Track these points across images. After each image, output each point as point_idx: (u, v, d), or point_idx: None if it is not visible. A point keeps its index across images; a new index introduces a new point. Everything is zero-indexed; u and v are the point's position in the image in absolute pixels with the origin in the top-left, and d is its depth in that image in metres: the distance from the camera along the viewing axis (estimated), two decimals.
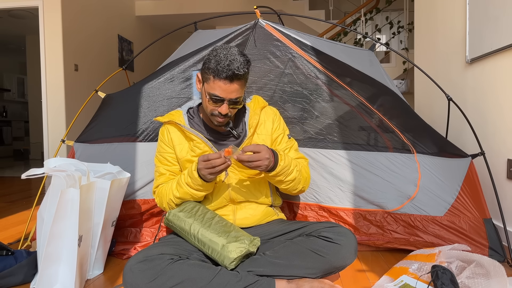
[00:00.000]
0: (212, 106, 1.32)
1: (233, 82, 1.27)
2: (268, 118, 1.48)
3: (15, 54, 8.36)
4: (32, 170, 1.31)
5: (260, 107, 1.48)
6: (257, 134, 1.45)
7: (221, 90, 1.28)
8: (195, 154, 1.39)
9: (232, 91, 1.28)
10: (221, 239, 1.23)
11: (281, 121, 1.53)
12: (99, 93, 2.05)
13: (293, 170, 1.36)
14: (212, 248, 1.24)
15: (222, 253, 1.22)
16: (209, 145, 1.38)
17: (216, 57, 1.28)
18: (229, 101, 1.30)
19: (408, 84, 5.36)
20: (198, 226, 1.28)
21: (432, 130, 1.81)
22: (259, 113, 1.46)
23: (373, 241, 1.70)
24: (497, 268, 1.19)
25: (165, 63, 1.96)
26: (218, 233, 1.25)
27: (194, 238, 1.28)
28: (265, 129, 1.46)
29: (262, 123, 1.47)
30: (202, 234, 1.27)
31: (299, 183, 1.41)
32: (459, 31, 2.23)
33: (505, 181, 1.84)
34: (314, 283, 1.23)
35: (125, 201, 1.72)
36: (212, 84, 1.29)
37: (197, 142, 1.39)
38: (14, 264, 1.44)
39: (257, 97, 1.54)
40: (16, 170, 5.67)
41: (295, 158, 1.47)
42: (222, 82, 1.27)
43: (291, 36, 1.84)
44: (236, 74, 1.25)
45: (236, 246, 1.22)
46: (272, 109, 1.54)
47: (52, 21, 4.28)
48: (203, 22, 2.28)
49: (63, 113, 4.33)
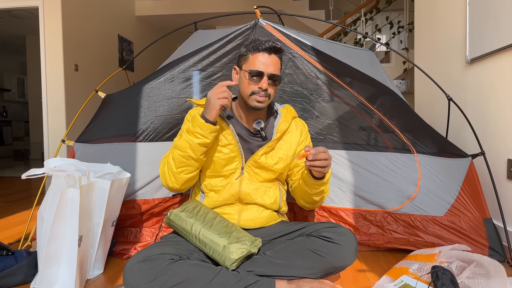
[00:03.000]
0: (253, 83, 1.34)
1: (271, 54, 1.34)
2: (297, 129, 1.50)
3: (15, 54, 8.36)
4: (32, 170, 1.31)
5: (292, 116, 1.50)
6: (283, 140, 1.46)
7: (261, 63, 1.32)
8: (221, 144, 1.39)
9: (271, 63, 1.33)
10: (223, 240, 1.23)
11: (308, 135, 1.54)
12: (99, 93, 2.05)
13: (328, 179, 1.37)
14: (213, 248, 1.24)
15: (223, 254, 1.22)
16: (236, 139, 1.38)
17: (251, 40, 1.38)
18: (269, 76, 1.32)
19: (408, 84, 5.36)
20: (199, 227, 1.28)
21: (432, 130, 1.81)
22: (290, 121, 1.48)
23: (373, 241, 1.70)
24: (497, 268, 1.19)
25: (165, 63, 1.96)
26: (220, 234, 1.25)
27: (195, 238, 1.28)
28: (291, 137, 1.47)
29: (290, 131, 1.48)
30: (203, 234, 1.26)
31: (326, 195, 1.43)
32: (459, 31, 2.23)
33: (505, 181, 1.84)
34: (314, 283, 1.23)
35: (125, 201, 1.72)
36: (252, 60, 1.34)
37: (226, 132, 1.39)
38: (14, 264, 1.44)
39: (289, 106, 1.55)
40: (16, 170, 5.67)
41: None
42: (261, 55, 1.33)
43: (291, 36, 1.84)
44: (274, 46, 1.33)
45: (237, 247, 1.21)
46: (302, 122, 1.55)
47: (52, 21, 4.28)
48: (203, 22, 2.28)
49: (63, 113, 4.34)
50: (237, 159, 1.40)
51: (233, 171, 1.41)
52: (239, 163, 1.41)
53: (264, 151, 1.40)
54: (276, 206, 1.47)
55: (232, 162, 1.40)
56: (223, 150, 1.39)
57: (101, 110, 1.98)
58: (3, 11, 5.26)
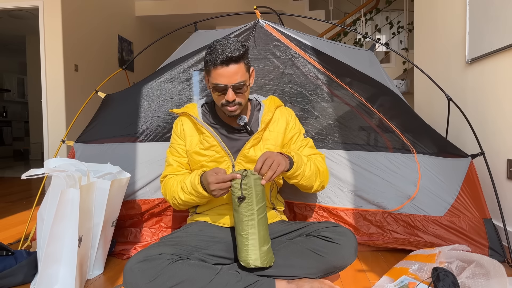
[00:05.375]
0: (219, 96, 1.33)
1: (229, 65, 1.28)
2: (282, 117, 1.49)
3: (15, 54, 8.36)
4: (32, 170, 1.31)
5: (275, 106, 1.49)
6: (269, 130, 1.45)
7: (221, 77, 1.29)
8: (204, 147, 1.40)
9: (231, 75, 1.29)
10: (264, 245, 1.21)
11: (296, 121, 1.53)
12: (99, 93, 2.05)
13: (308, 162, 1.36)
14: (252, 242, 1.20)
15: (248, 253, 1.20)
16: (218, 140, 1.38)
17: (210, 48, 1.31)
18: (232, 87, 1.30)
19: (408, 84, 5.36)
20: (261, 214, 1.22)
21: (432, 130, 1.81)
22: (273, 110, 1.47)
23: (373, 241, 1.70)
24: (497, 268, 1.19)
25: (165, 63, 1.96)
26: (265, 236, 1.23)
27: (249, 217, 1.20)
28: (277, 126, 1.46)
29: (276, 120, 1.47)
30: (257, 223, 1.21)
31: (317, 176, 1.40)
32: (459, 31, 2.23)
33: (505, 181, 1.84)
34: (314, 283, 1.23)
35: (125, 201, 1.72)
36: (213, 74, 1.30)
37: (206, 135, 1.39)
38: (14, 264, 1.44)
39: (273, 97, 1.55)
40: (16, 170, 5.67)
41: (311, 154, 1.48)
42: (219, 68, 1.28)
43: (291, 36, 1.84)
44: (230, 56, 1.26)
45: (259, 260, 1.20)
46: (287, 109, 1.54)
47: (52, 21, 4.28)
48: (203, 22, 2.28)
49: (63, 113, 4.34)
50: (224, 158, 1.40)
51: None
52: (228, 162, 1.40)
53: (251, 143, 1.39)
54: (269, 204, 1.46)
55: (221, 163, 1.41)
56: (207, 153, 1.40)
57: (101, 110, 1.98)
58: (3, 11, 5.26)
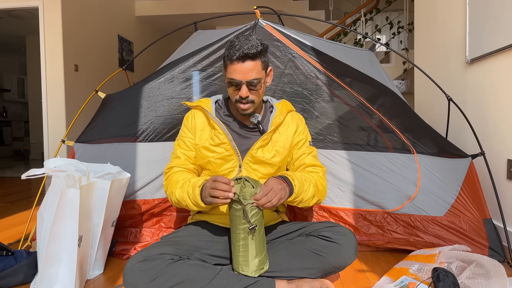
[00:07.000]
0: (233, 92, 1.34)
1: (245, 62, 1.29)
2: (293, 122, 1.50)
3: (15, 54, 8.36)
4: (32, 170, 1.31)
5: (287, 110, 1.50)
6: (279, 133, 1.45)
7: (236, 72, 1.30)
8: (214, 143, 1.40)
9: (246, 71, 1.29)
10: (255, 259, 1.20)
11: (305, 128, 1.54)
12: (99, 93, 2.05)
13: (309, 187, 1.33)
14: (243, 254, 1.20)
15: (239, 263, 1.20)
16: (229, 138, 1.38)
17: (230, 43, 1.32)
18: (247, 83, 1.30)
19: (408, 84, 5.36)
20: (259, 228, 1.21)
21: (432, 130, 1.81)
22: (285, 114, 1.48)
23: (373, 241, 1.70)
24: (497, 268, 1.19)
25: (165, 63, 1.96)
26: (257, 251, 1.21)
27: (241, 230, 1.19)
28: (287, 130, 1.47)
29: (286, 124, 1.48)
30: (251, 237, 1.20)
31: (314, 197, 1.37)
32: (459, 31, 2.23)
33: (505, 181, 1.84)
34: (314, 283, 1.23)
35: (125, 201, 1.72)
36: (229, 69, 1.32)
37: (218, 131, 1.39)
38: (14, 264, 1.44)
39: (285, 101, 1.56)
40: (16, 170, 5.67)
41: (312, 164, 1.45)
42: (235, 64, 1.29)
43: (291, 36, 1.84)
44: (246, 53, 1.27)
45: (249, 273, 1.20)
46: (299, 115, 1.55)
47: (52, 21, 4.29)
48: (203, 22, 2.28)
49: (63, 113, 4.34)
50: (233, 157, 1.40)
51: (231, 169, 1.41)
52: (236, 161, 1.40)
53: (260, 144, 1.39)
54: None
55: (229, 161, 1.40)
56: (217, 150, 1.40)
57: (101, 110, 1.98)
58: (3, 11, 5.26)
